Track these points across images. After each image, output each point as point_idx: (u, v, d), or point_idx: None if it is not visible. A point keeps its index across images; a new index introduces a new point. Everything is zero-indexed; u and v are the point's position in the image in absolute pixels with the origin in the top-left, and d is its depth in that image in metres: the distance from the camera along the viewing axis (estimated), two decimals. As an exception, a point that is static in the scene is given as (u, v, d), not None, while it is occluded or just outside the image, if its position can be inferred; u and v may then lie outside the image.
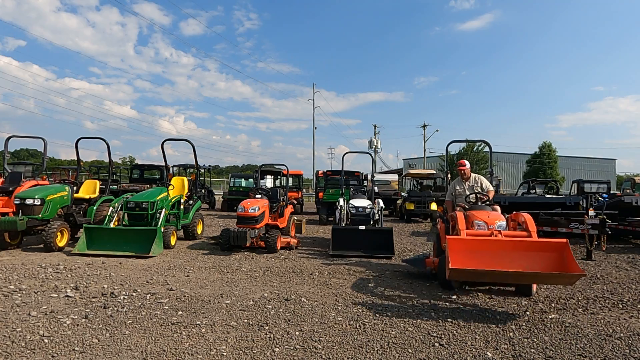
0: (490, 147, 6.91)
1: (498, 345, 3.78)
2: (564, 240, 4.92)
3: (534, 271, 4.75)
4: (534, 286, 5.46)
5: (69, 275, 6.13)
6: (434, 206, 16.17)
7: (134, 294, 5.19)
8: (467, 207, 6.23)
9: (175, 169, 19.05)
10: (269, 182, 22.62)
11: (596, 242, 8.67)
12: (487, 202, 6.30)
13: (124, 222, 9.03)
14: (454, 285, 5.64)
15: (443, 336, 3.97)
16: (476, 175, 6.73)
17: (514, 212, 6.15)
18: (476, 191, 6.46)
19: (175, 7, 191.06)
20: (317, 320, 4.35)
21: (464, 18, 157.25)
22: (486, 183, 6.65)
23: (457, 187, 6.80)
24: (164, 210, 8.86)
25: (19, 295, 5.05)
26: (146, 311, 4.54)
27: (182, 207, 10.01)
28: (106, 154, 12.66)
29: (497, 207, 6.20)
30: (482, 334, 4.07)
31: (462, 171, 6.73)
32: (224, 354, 3.47)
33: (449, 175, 8.90)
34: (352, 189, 14.49)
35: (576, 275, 4.51)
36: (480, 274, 4.95)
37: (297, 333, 3.97)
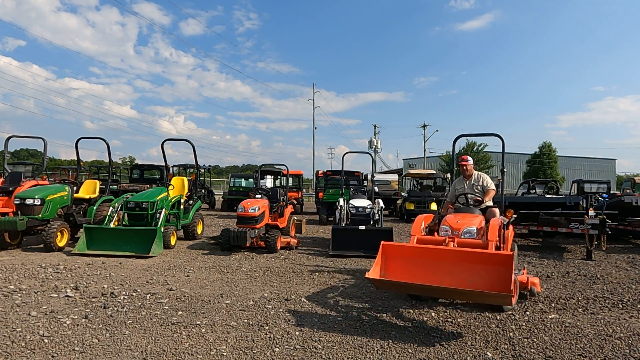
0: (503, 142, 6.09)
1: (498, 345, 3.78)
2: (509, 253, 4.32)
3: (460, 288, 4.12)
4: (513, 299, 4.62)
5: (69, 275, 6.13)
6: (434, 206, 16.17)
7: (134, 294, 5.19)
8: (455, 208, 5.78)
9: (175, 169, 19.05)
10: (269, 182, 22.61)
11: (596, 242, 8.67)
12: (481, 203, 5.77)
13: (124, 222, 9.03)
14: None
15: (443, 336, 3.97)
16: (479, 173, 6.19)
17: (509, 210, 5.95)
18: (476, 191, 6.01)
19: (175, 7, 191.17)
20: (317, 320, 4.35)
21: (464, 18, 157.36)
22: (487, 182, 6.10)
23: (458, 186, 6.32)
24: (164, 210, 8.86)
25: (19, 295, 5.05)
26: (146, 311, 4.54)
27: (182, 207, 10.01)
28: (106, 154, 12.68)
29: (496, 210, 5.70)
30: (482, 334, 4.07)
31: (465, 167, 6.16)
32: (224, 354, 3.47)
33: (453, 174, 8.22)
34: (352, 189, 14.49)
35: (503, 295, 3.81)
36: (403, 287, 4.44)
37: (297, 333, 3.97)
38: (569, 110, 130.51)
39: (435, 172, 21.42)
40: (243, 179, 23.59)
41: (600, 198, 10.15)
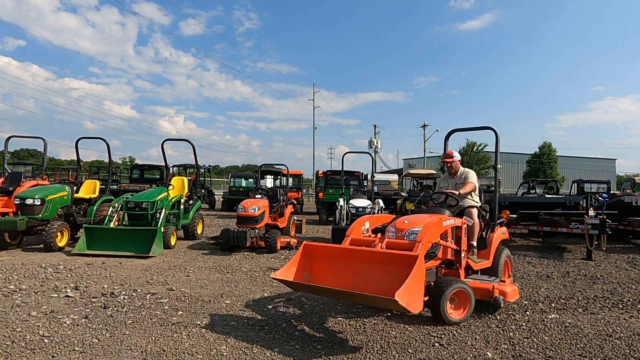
0: (496, 135, 5.52)
1: (498, 345, 3.78)
2: (415, 254, 3.83)
3: (356, 292, 3.75)
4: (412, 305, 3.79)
5: (69, 275, 6.13)
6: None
7: (134, 294, 5.19)
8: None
9: (175, 169, 19.04)
10: (269, 182, 22.62)
11: (596, 242, 8.68)
12: (457, 201, 5.29)
13: (124, 222, 9.03)
14: None
15: (443, 336, 3.97)
16: (465, 169, 5.64)
17: (504, 211, 5.87)
18: (457, 189, 5.38)
19: (175, 7, 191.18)
20: (317, 320, 4.35)
21: (464, 18, 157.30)
22: (469, 177, 5.48)
23: (442, 184, 5.86)
24: (164, 210, 8.86)
25: (19, 295, 5.05)
26: (146, 311, 4.54)
27: (182, 207, 10.01)
28: (106, 154, 12.68)
29: (473, 211, 5.17)
30: (482, 334, 4.07)
31: (449, 164, 5.65)
32: (224, 354, 3.47)
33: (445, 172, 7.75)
34: (352, 189, 14.50)
35: (387, 300, 3.38)
36: (308, 288, 4.22)
37: (297, 333, 3.97)
38: (569, 110, 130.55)
39: (435, 172, 21.40)
40: (243, 179, 23.60)
41: (600, 198, 10.17)
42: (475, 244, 5.09)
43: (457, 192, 5.24)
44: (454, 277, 4.49)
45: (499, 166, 5.71)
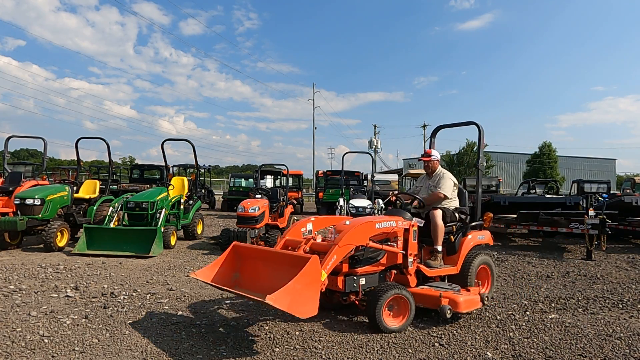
0: (480, 130, 5.22)
1: (498, 345, 3.78)
2: (307, 256, 3.62)
3: (246, 294, 3.60)
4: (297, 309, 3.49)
5: (69, 275, 6.13)
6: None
7: (134, 294, 5.19)
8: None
9: (175, 169, 19.05)
10: (269, 182, 22.61)
11: (596, 242, 8.68)
12: (421, 206, 5.07)
13: (124, 222, 9.03)
14: None
15: (443, 336, 3.97)
16: (442, 170, 5.35)
17: (486, 213, 5.40)
18: (429, 192, 5.23)
19: (175, 6, 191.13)
20: (317, 320, 4.34)
21: (464, 18, 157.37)
22: (441, 184, 5.17)
23: (418, 185, 5.59)
24: (164, 210, 8.86)
25: (19, 295, 5.05)
26: (146, 311, 4.54)
27: (182, 207, 10.01)
28: (106, 154, 12.68)
29: (435, 213, 4.81)
30: (482, 334, 4.07)
31: (426, 163, 5.38)
32: (224, 354, 3.47)
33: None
34: (352, 189, 14.50)
35: (264, 301, 3.16)
36: (222, 290, 4.09)
37: (297, 333, 3.97)
38: (569, 110, 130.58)
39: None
40: (243, 179, 23.59)
41: (600, 198, 10.16)
42: (439, 248, 4.77)
43: (417, 199, 5.02)
44: (394, 283, 4.22)
45: (484, 164, 5.55)
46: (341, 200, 10.69)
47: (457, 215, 5.12)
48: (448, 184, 5.15)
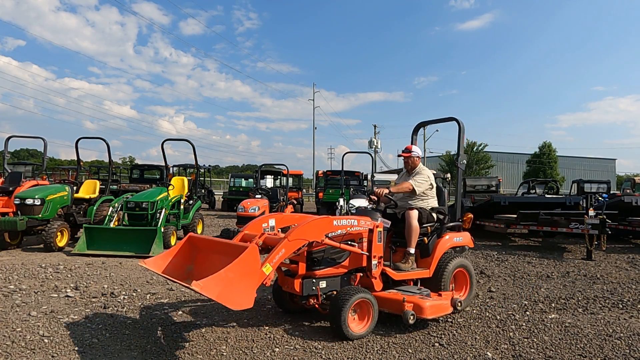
0: (460, 126, 5.02)
1: (498, 345, 3.78)
2: (244, 245, 3.56)
3: (183, 283, 3.38)
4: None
5: (69, 275, 6.13)
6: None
7: (134, 294, 5.19)
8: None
9: (175, 169, 19.06)
10: (269, 182, 22.64)
11: (596, 242, 8.68)
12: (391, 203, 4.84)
13: (124, 222, 9.03)
14: None
15: (443, 336, 3.97)
16: (421, 167, 5.06)
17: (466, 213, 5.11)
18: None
19: (175, 6, 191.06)
20: (317, 319, 4.34)
21: (464, 18, 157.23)
22: (418, 177, 4.87)
23: (397, 182, 5.30)
24: (164, 210, 8.86)
25: (19, 295, 5.05)
26: (146, 311, 4.54)
27: (182, 207, 10.01)
28: (106, 154, 12.69)
29: (411, 213, 4.59)
30: (482, 334, 4.07)
31: (405, 159, 5.11)
32: (224, 354, 3.47)
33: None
34: (352, 189, 14.51)
35: (194, 289, 3.03)
36: (173, 282, 3.92)
37: (297, 333, 3.97)
38: (569, 110, 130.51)
39: (435, 172, 21.40)
40: (243, 179, 23.61)
41: (600, 198, 10.15)
42: (412, 250, 4.57)
43: (385, 191, 4.68)
44: (358, 287, 4.06)
45: (464, 162, 5.16)
46: (341, 200, 10.70)
47: (434, 215, 4.86)
48: (421, 179, 4.84)
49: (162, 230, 8.41)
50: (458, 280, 4.87)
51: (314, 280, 3.99)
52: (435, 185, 5.01)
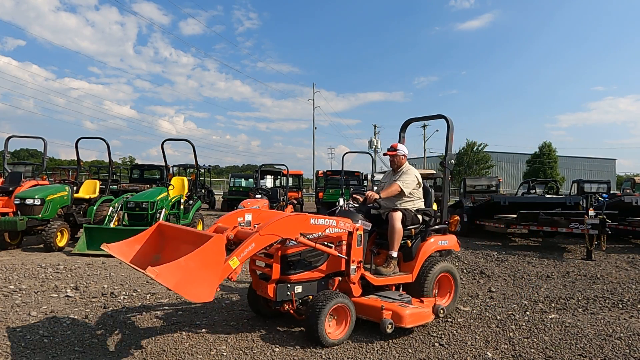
0: (449, 124, 4.85)
1: (498, 345, 3.78)
2: (209, 234, 3.46)
3: (140, 270, 3.11)
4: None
5: (69, 275, 6.13)
6: (434, 206, 16.17)
7: (134, 294, 5.19)
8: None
9: (175, 169, 19.05)
10: (269, 182, 22.64)
11: (596, 242, 8.68)
12: (376, 206, 4.51)
13: (124, 222, 9.03)
14: None
15: (443, 336, 3.98)
16: (407, 166, 4.88)
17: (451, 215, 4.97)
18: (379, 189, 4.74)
19: (175, 6, 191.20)
20: (317, 320, 4.34)
21: (464, 18, 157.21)
22: (405, 177, 4.68)
23: (383, 181, 5.13)
24: (164, 210, 8.86)
25: (19, 295, 5.05)
26: (146, 311, 4.54)
27: (182, 207, 10.01)
28: (106, 154, 12.68)
29: (394, 214, 4.38)
30: (482, 334, 4.07)
31: (391, 158, 4.89)
32: (224, 354, 3.47)
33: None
34: (352, 189, 14.50)
35: (149, 276, 2.84)
36: (138, 271, 3.42)
37: (297, 333, 3.97)
38: (569, 110, 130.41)
39: (435, 172, 21.38)
40: (243, 179, 23.59)
41: (600, 198, 10.16)
42: (394, 254, 4.36)
43: (375, 196, 4.40)
44: (335, 292, 3.84)
45: (452, 161, 4.99)
46: (341, 200, 10.67)
47: (420, 217, 4.65)
48: (409, 179, 4.65)
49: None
50: (442, 286, 4.68)
51: (288, 285, 3.79)
52: (422, 184, 4.84)
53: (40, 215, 8.32)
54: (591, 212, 8.68)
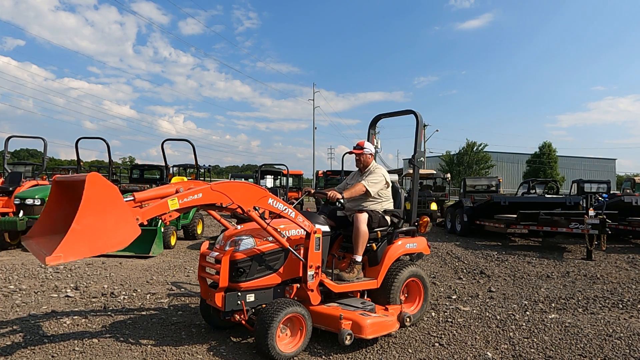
0: (417, 120, 4.61)
1: (498, 345, 3.78)
2: (83, 176, 2.71)
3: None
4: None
5: (69, 275, 6.13)
6: (434, 206, 16.19)
7: (134, 294, 5.19)
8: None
9: (175, 169, 19.04)
10: (269, 182, 22.61)
11: (596, 242, 8.67)
12: (340, 205, 4.12)
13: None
14: None
15: (443, 336, 3.97)
16: (374, 165, 4.54)
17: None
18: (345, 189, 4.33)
19: (174, 6, 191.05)
20: (317, 320, 4.34)
21: (464, 17, 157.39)
22: (371, 177, 4.33)
23: (349, 181, 4.73)
24: (164, 210, 8.84)
25: (19, 295, 5.05)
26: (146, 311, 4.54)
27: (182, 207, 9.99)
28: (106, 154, 12.69)
29: (359, 216, 4.07)
30: (482, 334, 4.07)
31: (357, 156, 4.53)
32: (224, 354, 3.47)
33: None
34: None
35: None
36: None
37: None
38: (569, 110, 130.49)
39: (435, 172, 21.42)
40: (243, 179, 23.59)
41: (600, 198, 10.16)
42: (358, 258, 4.02)
43: (338, 196, 4.03)
44: (289, 300, 3.55)
45: (421, 159, 4.76)
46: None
47: (388, 219, 4.33)
48: (376, 179, 4.29)
49: (162, 230, 8.41)
50: (411, 292, 4.39)
51: (239, 294, 3.46)
52: (391, 184, 4.52)
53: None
54: (591, 212, 8.68)
